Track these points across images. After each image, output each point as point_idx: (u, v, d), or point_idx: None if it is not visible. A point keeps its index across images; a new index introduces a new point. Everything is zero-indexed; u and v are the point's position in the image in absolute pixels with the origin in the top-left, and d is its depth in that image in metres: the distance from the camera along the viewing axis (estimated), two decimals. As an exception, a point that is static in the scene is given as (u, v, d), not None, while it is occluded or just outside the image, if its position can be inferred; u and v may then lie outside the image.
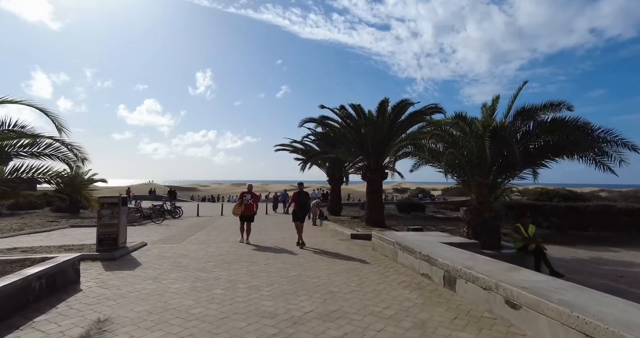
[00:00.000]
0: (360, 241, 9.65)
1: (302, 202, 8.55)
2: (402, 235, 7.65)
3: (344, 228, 11.62)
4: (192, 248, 8.39)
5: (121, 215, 7.51)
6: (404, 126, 11.32)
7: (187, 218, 18.85)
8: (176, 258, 7.10)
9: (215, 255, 7.49)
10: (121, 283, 5.13)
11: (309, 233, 11.39)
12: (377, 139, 11.16)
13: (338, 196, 18.95)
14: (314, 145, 19.19)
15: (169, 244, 8.99)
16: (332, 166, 18.48)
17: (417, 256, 5.79)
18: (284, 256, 7.43)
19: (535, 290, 3.35)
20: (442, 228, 12.09)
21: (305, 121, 12.80)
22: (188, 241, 9.62)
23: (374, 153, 11.63)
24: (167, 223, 15.67)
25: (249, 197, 9.49)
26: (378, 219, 11.80)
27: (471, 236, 7.51)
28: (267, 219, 17.47)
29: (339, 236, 10.68)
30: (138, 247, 8.08)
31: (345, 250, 8.12)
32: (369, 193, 12.01)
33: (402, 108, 11.00)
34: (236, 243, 9.32)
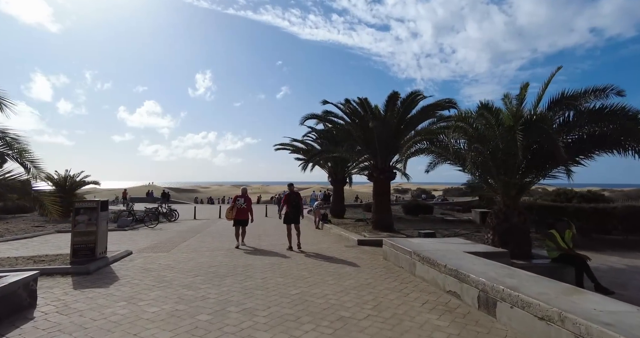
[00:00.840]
0: (369, 248, 8.76)
1: (293, 204, 8.31)
2: (419, 242, 6.77)
3: (349, 232, 10.73)
4: (182, 257, 7.51)
5: (100, 221, 6.64)
6: (414, 121, 10.43)
7: (183, 222, 18.00)
8: (161, 270, 6.22)
9: (206, 266, 6.61)
10: (87, 306, 4.25)
11: (312, 238, 10.52)
12: (384, 136, 10.28)
13: (341, 198, 18.06)
14: (316, 144, 18.31)
15: (156, 253, 8.11)
16: (334, 166, 17.60)
17: (441, 269, 4.91)
18: (284, 267, 6.54)
19: (626, 330, 2.47)
20: (454, 232, 11.20)
21: (307, 117, 11.96)
22: (179, 248, 8.75)
23: (381, 152, 10.75)
24: (161, 227, 14.83)
25: (242, 201, 9.10)
26: (386, 223, 10.91)
27: (497, 243, 6.62)
28: (267, 222, 16.61)
29: (344, 242, 9.79)
30: (120, 257, 7.20)
31: (354, 260, 7.24)
32: (376, 194, 11.13)
33: (413, 102, 10.11)
34: (231, 250, 8.45)
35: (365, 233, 10.46)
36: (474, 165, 6.57)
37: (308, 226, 14.53)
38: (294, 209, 8.33)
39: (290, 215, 8.32)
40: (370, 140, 10.44)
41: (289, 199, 8.41)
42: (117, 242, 9.84)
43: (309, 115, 11.81)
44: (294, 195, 8.50)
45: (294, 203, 8.37)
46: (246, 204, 9.08)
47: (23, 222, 15.04)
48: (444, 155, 7.66)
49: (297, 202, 8.44)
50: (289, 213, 8.34)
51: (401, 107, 10.24)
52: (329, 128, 13.13)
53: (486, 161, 6.42)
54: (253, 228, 13.90)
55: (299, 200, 8.54)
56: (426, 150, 7.96)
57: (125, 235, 11.94)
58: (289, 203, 8.36)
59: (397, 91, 9.76)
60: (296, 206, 8.38)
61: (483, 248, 6.30)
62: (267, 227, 14.55)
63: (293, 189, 8.73)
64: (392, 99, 9.97)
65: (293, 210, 8.32)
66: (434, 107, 10.09)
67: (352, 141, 11.37)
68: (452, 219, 14.40)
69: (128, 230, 13.98)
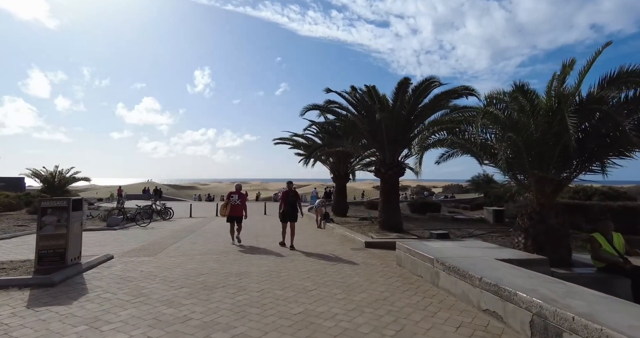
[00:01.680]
0: (378, 251, 7.89)
1: (291, 202, 8.33)
2: (439, 247, 5.89)
3: (354, 233, 9.86)
4: (168, 263, 6.63)
5: (72, 222, 5.75)
6: (426, 112, 9.50)
7: (178, 220, 17.14)
8: (141, 280, 5.35)
9: (194, 274, 5.73)
10: (34, 333, 3.37)
11: (314, 239, 9.66)
12: (393, 129, 9.38)
13: (343, 195, 17.19)
14: (317, 139, 17.39)
15: (141, 257, 7.24)
16: (337, 162, 16.71)
17: (474, 283, 4.04)
18: (284, 276, 5.67)
19: None
20: (468, 232, 10.34)
21: (308, 108, 11.05)
22: (167, 252, 7.88)
23: (389, 145, 9.85)
24: (153, 226, 13.96)
25: (237, 198, 9.07)
26: (394, 222, 10.05)
27: (531, 248, 5.76)
28: (266, 221, 15.75)
29: (349, 244, 8.93)
30: (98, 263, 6.32)
31: (363, 266, 6.37)
32: (383, 192, 10.25)
33: (426, 89, 9.19)
34: (225, 253, 7.58)
35: (372, 234, 9.59)
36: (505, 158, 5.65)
37: (310, 225, 13.67)
38: (290, 207, 8.30)
39: (287, 213, 8.29)
40: (377, 133, 9.54)
41: (287, 197, 8.37)
42: (102, 244, 8.99)
43: (310, 106, 10.90)
44: (291, 193, 8.46)
45: (291, 201, 8.35)
46: (240, 201, 9.01)
47: (6, 220, 14.13)
48: (466, 147, 6.73)
49: (294, 200, 8.41)
50: (285, 211, 8.30)
51: (412, 96, 9.32)
52: (332, 121, 12.20)
53: (519, 153, 5.51)
54: (250, 227, 13.06)
55: (296, 199, 8.51)
56: (446, 142, 7.03)
57: (113, 235, 11.07)
58: (287, 201, 8.34)
59: (408, 77, 8.86)
60: (293, 204, 8.35)
61: (515, 254, 5.43)
62: (265, 226, 13.69)
63: (292, 188, 8.63)
64: (402, 86, 9.04)
65: (290, 208, 8.30)
66: (449, 95, 9.13)
67: (358, 134, 10.46)
68: (463, 218, 13.55)
69: (118, 229, 13.11)
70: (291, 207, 8.34)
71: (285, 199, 8.38)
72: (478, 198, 33.09)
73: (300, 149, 18.50)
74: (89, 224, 14.18)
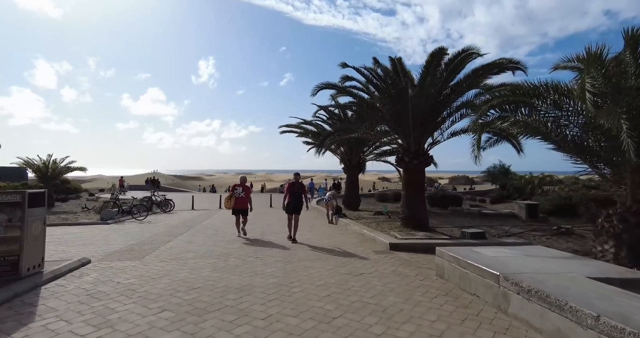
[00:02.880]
0: (406, 255, 6.62)
1: (296, 194, 8.16)
2: (496, 256, 4.57)
3: (374, 231, 8.60)
4: (154, 270, 5.43)
5: (30, 222, 4.55)
6: (460, 90, 8.06)
7: (179, 213, 16.06)
8: (114, 298, 4.14)
9: (184, 288, 4.52)
10: None
11: (328, 238, 8.42)
12: (421, 110, 7.98)
13: (355, 187, 15.90)
14: (326, 126, 16.02)
15: (125, 260, 6.06)
16: (348, 151, 15.36)
17: (584, 321, 2.74)
18: (298, 292, 4.41)
19: None
20: (503, 230, 9.00)
21: (320, 87, 9.60)
22: (158, 253, 6.70)
23: (415, 130, 8.47)
24: (150, 220, 12.88)
25: (241, 190, 8.82)
26: (420, 219, 8.74)
27: (625, 260, 4.43)
28: (272, 214, 14.57)
29: (369, 245, 7.67)
30: (67, 271, 5.13)
31: (395, 277, 5.10)
32: (407, 184, 8.92)
33: (461, 63, 7.71)
34: (224, 257, 6.36)
35: (395, 232, 8.31)
36: (573, 143, 4.28)
37: (320, 220, 12.45)
38: (296, 199, 8.14)
39: (292, 205, 8.11)
40: (402, 115, 8.14)
41: (292, 189, 8.19)
42: (86, 242, 7.85)
43: (322, 84, 9.49)
44: (297, 185, 8.27)
45: (297, 193, 8.18)
46: (245, 193, 8.81)
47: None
48: (536, 128, 5.27)
49: (299, 193, 8.22)
50: (290, 203, 8.13)
51: (445, 71, 7.87)
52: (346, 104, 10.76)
53: (612, 135, 4.09)
54: (256, 221, 11.89)
55: (302, 191, 8.30)
56: (508, 119, 5.58)
57: (103, 231, 9.95)
58: (292, 193, 8.17)
59: (443, 46, 7.39)
60: (298, 196, 8.17)
61: (609, 269, 4.05)
62: (271, 220, 12.50)
63: (298, 179, 8.44)
64: (436, 58, 7.57)
65: (295, 201, 8.13)
66: (489, 69, 7.60)
67: (377, 118, 9.06)
68: (491, 212, 12.20)
69: (111, 223, 12.01)
70: (296, 199, 8.15)
71: (291, 191, 8.19)
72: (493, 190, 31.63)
73: (309, 137, 17.15)
74: (82, 217, 13.14)
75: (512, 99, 5.02)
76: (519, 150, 8.64)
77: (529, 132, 5.48)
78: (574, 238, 7.99)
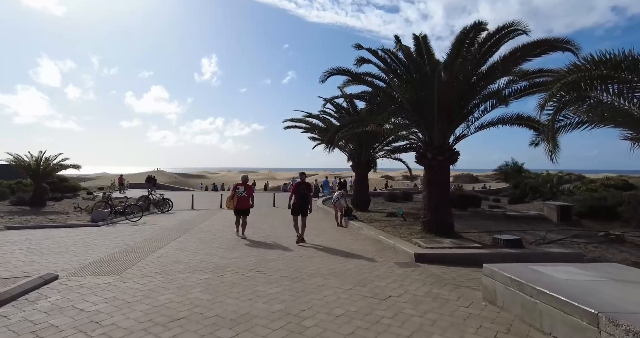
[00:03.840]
0: (436, 268, 5.55)
1: (301, 194, 7.89)
2: (573, 280, 3.48)
3: (392, 237, 7.54)
4: (134, 289, 4.42)
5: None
6: (493, 74, 6.89)
7: (178, 212, 15.13)
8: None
9: (163, 320, 3.48)
10: None
11: (339, 244, 7.38)
12: (449, 97, 6.87)
13: (365, 186, 14.82)
14: (334, 120, 14.92)
15: (101, 275, 5.05)
16: (357, 147, 14.26)
17: None
18: (310, 327, 3.37)
19: None
20: (540, 236, 7.89)
21: (331, 72, 8.41)
22: (142, 265, 5.69)
23: (441, 121, 7.38)
24: (145, 221, 11.93)
25: (243, 189, 8.62)
26: (444, 224, 7.66)
27: None
28: (275, 215, 13.54)
29: (389, 254, 6.61)
30: (20, 293, 4.10)
31: (432, 302, 4.03)
32: (429, 184, 7.82)
33: (499, 42, 6.54)
34: (218, 271, 5.33)
35: (418, 239, 7.24)
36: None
37: (327, 223, 11.42)
38: (302, 200, 7.85)
39: (297, 206, 7.83)
40: (426, 104, 7.04)
41: (298, 189, 7.90)
42: (63, 250, 6.86)
43: (333, 70, 8.32)
44: (303, 185, 7.99)
45: (303, 194, 7.89)
46: (247, 192, 8.62)
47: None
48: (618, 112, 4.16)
49: (305, 193, 7.94)
50: (295, 204, 7.88)
51: (478, 52, 6.74)
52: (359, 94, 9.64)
53: None
54: (259, 224, 10.92)
55: (307, 191, 8.03)
56: (586, 102, 4.45)
57: (89, 234, 8.98)
58: (298, 193, 7.89)
59: (481, 20, 6.23)
60: (304, 197, 7.89)
61: None
62: (275, 222, 11.48)
63: (304, 179, 8.17)
64: (469, 35, 6.39)
65: (301, 201, 7.85)
66: (530, 49, 6.31)
67: (396, 107, 7.96)
68: (516, 214, 11.09)
69: (102, 225, 11.07)
70: (302, 200, 7.86)
71: (297, 192, 7.88)
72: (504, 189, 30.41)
73: (315, 133, 16.08)
74: (72, 218, 12.21)
75: (596, 74, 3.90)
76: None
77: (616, 117, 4.33)
78: (628, 247, 6.90)
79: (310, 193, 8.14)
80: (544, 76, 7.26)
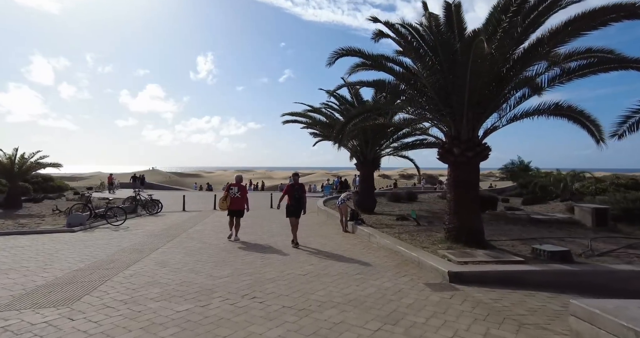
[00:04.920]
0: (479, 291, 4.37)
1: (296, 196, 7.71)
2: None
3: (415, 248, 6.35)
4: (81, 332, 3.20)
5: None
6: (538, 53, 5.60)
7: (168, 214, 13.92)
8: None
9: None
10: None
11: (349, 256, 6.17)
12: (482, 80, 5.65)
13: (371, 186, 13.64)
14: (337, 114, 13.69)
15: (45, 307, 3.82)
16: (363, 144, 13.05)
17: None
18: None
19: None
20: (585, 247, 6.74)
21: (340, 53, 7.05)
22: (105, 289, 4.46)
23: (470, 110, 6.19)
24: (128, 226, 10.73)
25: (236, 190, 8.34)
26: (474, 231, 6.49)
27: None
28: (273, 217, 12.30)
29: (412, 270, 5.43)
30: None
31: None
32: (456, 185, 6.63)
33: (549, 9, 5.28)
34: (202, 297, 4.11)
35: (444, 250, 6.06)
36: None
37: (331, 227, 10.26)
38: (296, 202, 7.67)
39: (292, 208, 7.68)
40: (454, 89, 5.82)
41: (291, 190, 7.74)
42: (14, 266, 5.63)
43: (342, 50, 7.01)
44: (297, 186, 7.83)
45: (297, 196, 7.70)
46: (241, 193, 8.34)
47: None
48: None
49: (300, 195, 7.75)
50: (290, 206, 7.71)
51: (521, 25, 5.47)
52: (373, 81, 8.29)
53: None
54: (255, 229, 9.78)
55: (302, 192, 7.83)
56: None
57: (59, 243, 7.75)
58: (291, 195, 7.71)
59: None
60: (299, 199, 7.70)
61: None
62: (273, 227, 10.28)
63: (297, 180, 8.06)
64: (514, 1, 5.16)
65: (295, 203, 7.67)
66: (594, 17, 4.98)
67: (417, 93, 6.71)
68: (542, 218, 9.94)
69: (78, 230, 9.83)
70: (297, 203, 7.64)
71: (291, 193, 7.67)
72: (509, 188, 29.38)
73: (316, 128, 14.84)
74: (47, 222, 10.93)
75: None
76: None
77: None
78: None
79: (304, 194, 7.91)
80: (594, 56, 6.11)
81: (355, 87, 12.25)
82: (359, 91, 12.77)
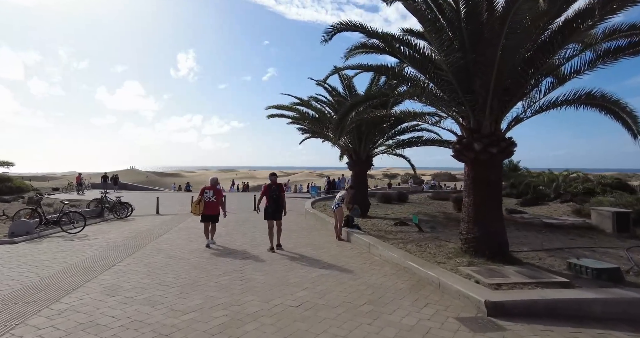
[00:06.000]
0: (533, 332, 3.26)
1: (274, 197, 7.30)
2: None
3: (432, 266, 5.21)
4: None
5: None
6: (575, 29, 4.60)
7: (137, 219, 12.40)
8: None
9: None
10: None
11: (346, 274, 4.96)
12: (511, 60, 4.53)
13: (365, 187, 12.54)
14: (329, 108, 12.49)
15: None
16: (356, 142, 11.91)
17: None
18: None
19: None
20: (633, 262, 5.79)
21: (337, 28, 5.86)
22: (21, 333, 3.10)
23: (496, 97, 5.11)
24: (87, 233, 9.27)
25: (211, 194, 7.78)
26: (498, 242, 5.43)
27: None
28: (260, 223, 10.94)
29: (431, 295, 4.30)
30: None
31: None
32: (475, 186, 5.53)
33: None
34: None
35: (465, 267, 4.95)
36: None
37: (322, 234, 9.08)
38: (274, 203, 7.29)
39: (270, 209, 7.28)
40: (477, 71, 4.74)
41: (269, 191, 7.37)
42: None
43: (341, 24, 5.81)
44: (274, 186, 7.45)
45: (274, 196, 7.33)
46: (216, 197, 7.88)
47: None
48: None
49: (278, 195, 7.39)
50: (268, 207, 7.32)
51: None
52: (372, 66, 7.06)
53: None
54: (236, 236, 8.51)
55: (280, 192, 7.48)
56: None
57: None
58: (269, 195, 7.35)
59: None
60: (277, 199, 7.33)
61: None
62: (256, 235, 8.96)
63: (275, 180, 7.69)
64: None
65: (273, 204, 7.29)
66: None
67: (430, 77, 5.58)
68: (556, 222, 9.06)
69: (21, 241, 8.30)
70: (275, 203, 7.31)
71: (268, 194, 7.36)
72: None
73: (305, 124, 13.59)
74: (-8, 229, 9.25)
75: None
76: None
77: None
78: None
79: (283, 194, 7.57)
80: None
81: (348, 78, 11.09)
82: (352, 81, 11.62)
